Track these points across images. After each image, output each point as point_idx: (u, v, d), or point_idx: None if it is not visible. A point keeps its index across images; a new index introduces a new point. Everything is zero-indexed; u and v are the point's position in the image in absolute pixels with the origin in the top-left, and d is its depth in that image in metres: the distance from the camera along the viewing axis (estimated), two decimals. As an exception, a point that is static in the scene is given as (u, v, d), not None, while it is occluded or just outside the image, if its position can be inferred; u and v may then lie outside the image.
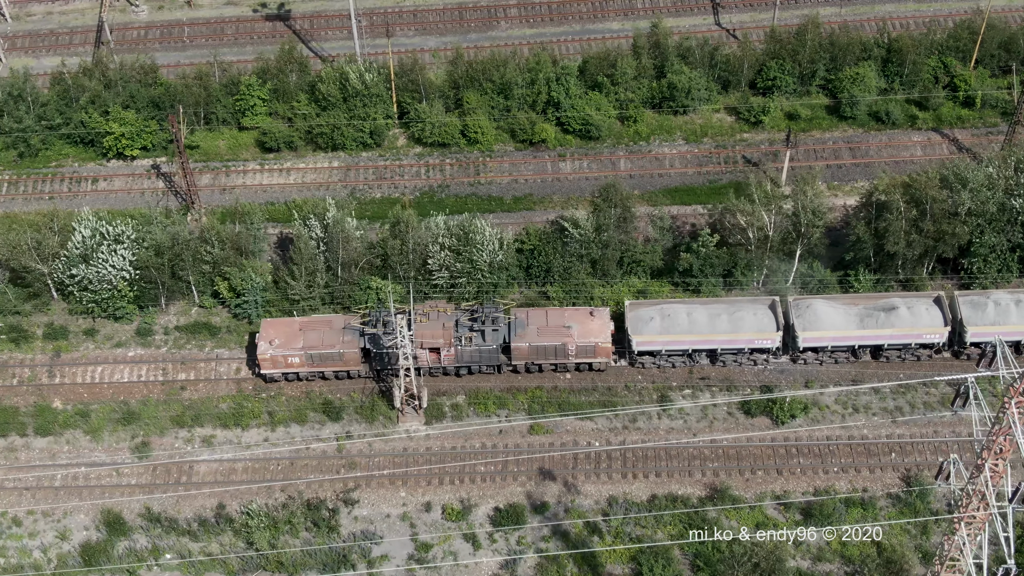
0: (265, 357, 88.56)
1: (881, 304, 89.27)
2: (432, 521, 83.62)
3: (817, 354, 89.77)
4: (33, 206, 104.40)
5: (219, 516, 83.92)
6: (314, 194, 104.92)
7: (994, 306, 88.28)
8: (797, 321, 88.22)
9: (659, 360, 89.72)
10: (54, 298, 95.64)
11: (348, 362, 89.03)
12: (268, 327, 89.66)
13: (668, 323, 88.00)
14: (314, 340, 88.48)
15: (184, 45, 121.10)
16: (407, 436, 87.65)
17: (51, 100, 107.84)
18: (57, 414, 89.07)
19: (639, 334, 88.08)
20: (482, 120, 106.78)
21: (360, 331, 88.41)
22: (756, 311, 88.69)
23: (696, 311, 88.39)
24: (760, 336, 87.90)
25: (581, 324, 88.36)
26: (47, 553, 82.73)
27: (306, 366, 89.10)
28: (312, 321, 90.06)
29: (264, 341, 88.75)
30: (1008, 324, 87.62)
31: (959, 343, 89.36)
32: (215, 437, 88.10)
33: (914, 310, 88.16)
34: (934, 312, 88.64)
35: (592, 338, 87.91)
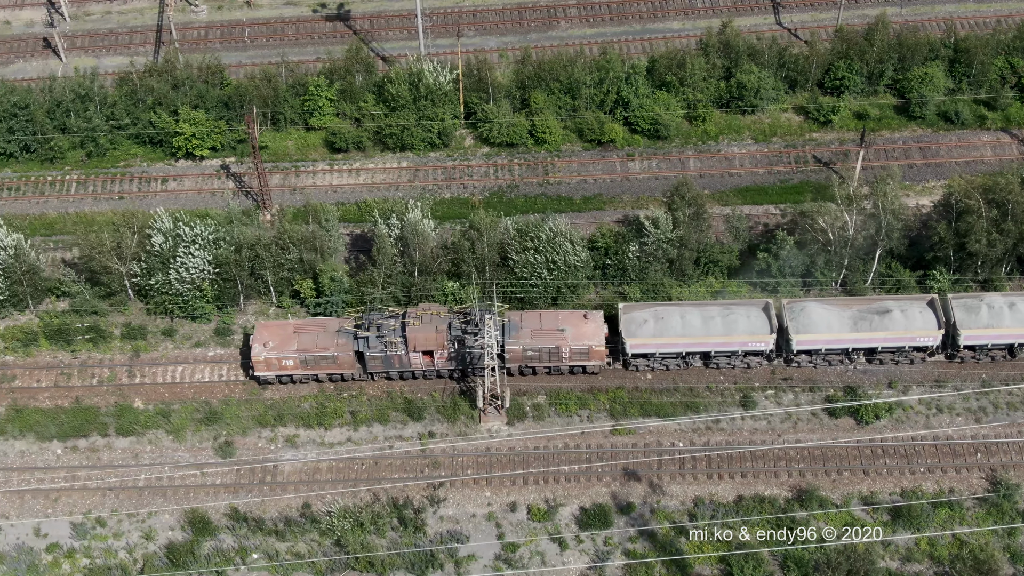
0: (259, 359, 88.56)
1: (875, 307, 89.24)
2: (518, 521, 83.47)
3: (811, 357, 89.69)
4: (103, 205, 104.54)
5: (305, 516, 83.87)
6: (384, 194, 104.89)
7: (988, 309, 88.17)
8: (791, 324, 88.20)
9: (653, 363, 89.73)
10: (130, 298, 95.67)
11: (342, 365, 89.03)
12: (262, 329, 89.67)
13: (662, 326, 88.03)
14: (308, 343, 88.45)
15: (245, 45, 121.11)
16: (489, 436, 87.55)
17: (119, 100, 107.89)
18: (138, 414, 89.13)
19: (633, 337, 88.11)
20: (550, 120, 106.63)
21: (354, 334, 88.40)
22: (750, 314, 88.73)
23: (690, 314, 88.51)
24: (754, 339, 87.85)
25: (575, 327, 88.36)
26: (132, 553, 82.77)
27: (300, 368, 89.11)
28: (306, 324, 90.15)
29: (258, 343, 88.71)
30: (1002, 327, 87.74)
31: (953, 346, 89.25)
32: (298, 437, 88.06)
33: (908, 313, 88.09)
34: (928, 315, 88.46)
35: (586, 341, 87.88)
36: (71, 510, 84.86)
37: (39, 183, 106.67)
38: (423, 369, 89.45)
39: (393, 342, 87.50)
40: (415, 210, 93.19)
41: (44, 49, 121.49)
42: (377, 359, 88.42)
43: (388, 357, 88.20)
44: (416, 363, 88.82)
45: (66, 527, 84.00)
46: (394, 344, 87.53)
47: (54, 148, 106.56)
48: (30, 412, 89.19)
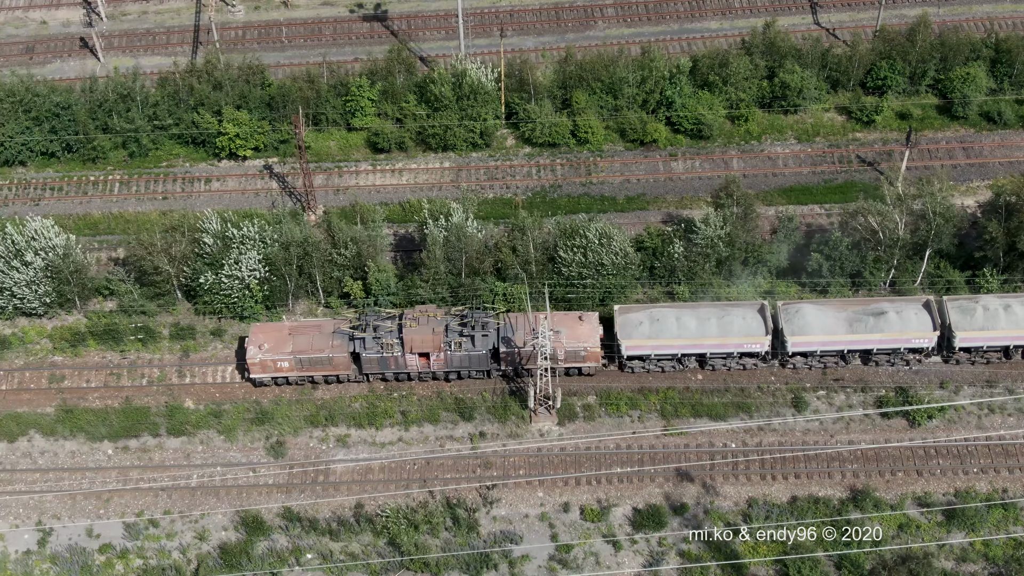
0: (255, 361, 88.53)
1: (870, 309, 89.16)
2: (571, 521, 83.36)
3: (806, 358, 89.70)
4: (147, 206, 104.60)
5: (358, 516, 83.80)
6: (426, 194, 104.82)
7: (983, 311, 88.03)
8: (786, 325, 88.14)
9: (648, 365, 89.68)
10: (178, 298, 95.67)
11: (337, 366, 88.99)
12: (258, 331, 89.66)
13: (657, 328, 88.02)
14: (303, 344, 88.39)
15: (283, 45, 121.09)
16: (540, 436, 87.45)
17: (161, 100, 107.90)
18: (189, 414, 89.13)
19: (628, 339, 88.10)
20: (592, 120, 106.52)
21: (350, 336, 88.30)
22: (745, 315, 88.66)
23: (685, 316, 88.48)
24: (749, 340, 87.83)
25: (570, 329, 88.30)
26: (186, 554, 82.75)
27: (295, 370, 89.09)
28: (302, 325, 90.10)
29: (253, 345, 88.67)
30: (997, 329, 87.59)
31: (948, 348, 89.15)
32: (349, 437, 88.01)
33: (903, 315, 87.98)
34: (923, 317, 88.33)
35: (581, 343, 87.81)
36: (123, 510, 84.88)
37: (82, 183, 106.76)
38: (419, 371, 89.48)
39: (389, 344, 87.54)
40: (459, 212, 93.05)
41: (81, 49, 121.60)
42: (373, 361, 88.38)
43: (384, 359, 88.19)
44: (412, 365, 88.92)
45: (119, 528, 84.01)
46: (390, 346, 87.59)
47: (97, 148, 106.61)
48: (80, 412, 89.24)
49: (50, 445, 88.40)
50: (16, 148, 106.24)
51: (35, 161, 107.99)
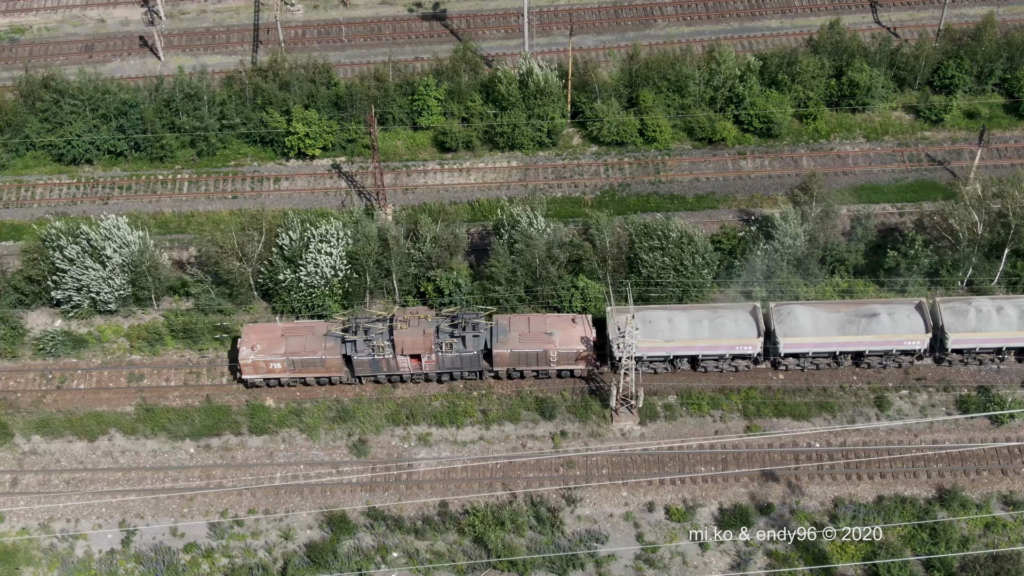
0: (247, 362, 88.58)
1: (862, 310, 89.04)
2: (656, 521, 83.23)
3: (798, 360, 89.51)
4: (217, 205, 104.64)
5: (443, 514, 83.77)
6: (495, 194, 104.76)
7: (976, 313, 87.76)
8: (778, 327, 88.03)
9: (640, 366, 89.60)
10: (255, 297, 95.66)
11: (329, 368, 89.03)
12: (250, 332, 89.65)
13: (649, 329, 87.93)
14: (296, 346, 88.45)
15: (343, 45, 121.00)
16: (622, 436, 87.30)
17: (228, 99, 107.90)
18: (271, 412, 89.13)
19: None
20: (660, 118, 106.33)
21: (341, 338, 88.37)
22: (737, 317, 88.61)
23: (677, 318, 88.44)
24: (741, 342, 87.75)
25: (563, 331, 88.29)
26: (272, 552, 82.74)
27: (288, 372, 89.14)
28: (294, 327, 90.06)
29: (246, 347, 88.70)
30: (990, 331, 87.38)
31: (941, 349, 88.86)
32: (431, 435, 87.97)
33: (895, 316, 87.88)
34: (915, 318, 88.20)
35: (574, 345, 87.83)
36: (207, 509, 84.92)
37: (150, 182, 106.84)
38: (411, 373, 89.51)
39: (380, 346, 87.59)
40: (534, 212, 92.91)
41: (141, 47, 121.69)
42: (364, 362, 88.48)
43: (376, 361, 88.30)
44: (404, 367, 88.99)
45: (203, 527, 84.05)
46: (381, 348, 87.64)
47: (165, 147, 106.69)
48: (160, 411, 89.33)
49: (131, 444, 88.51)
50: (84, 146, 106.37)
51: (102, 160, 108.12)
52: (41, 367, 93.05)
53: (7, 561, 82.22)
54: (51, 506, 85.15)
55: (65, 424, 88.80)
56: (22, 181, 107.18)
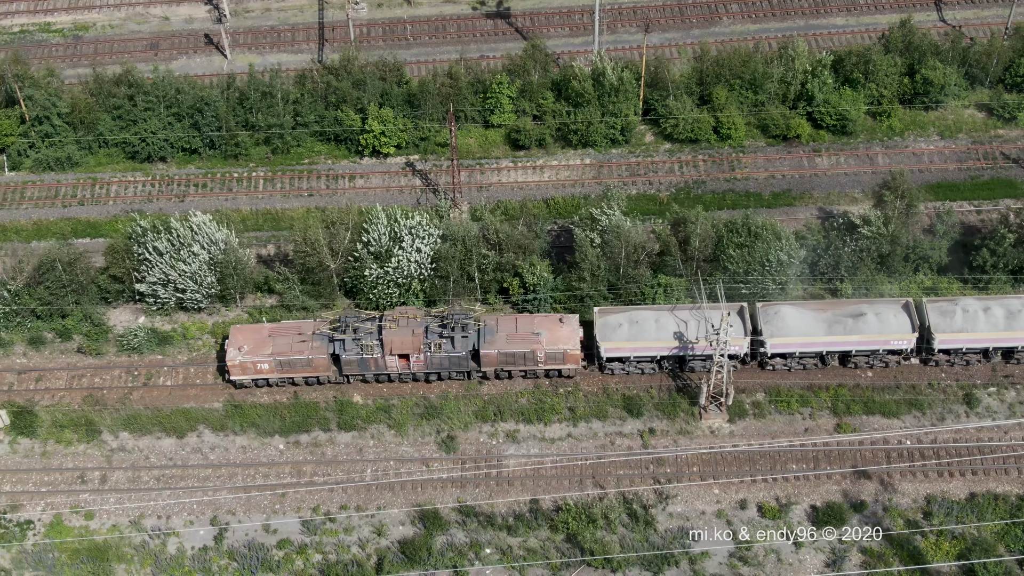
0: (234, 363, 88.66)
1: (849, 310, 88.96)
2: (749, 519, 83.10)
3: (785, 360, 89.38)
4: (293, 202, 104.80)
5: (534, 511, 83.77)
6: (569, 191, 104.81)
7: (962, 313, 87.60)
8: (765, 327, 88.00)
9: (628, 367, 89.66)
10: (338, 294, 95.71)
11: (317, 368, 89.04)
12: (237, 333, 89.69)
13: (637, 330, 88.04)
14: (283, 346, 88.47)
15: (408, 43, 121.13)
16: (711, 433, 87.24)
17: (301, 97, 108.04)
18: (359, 409, 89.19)
19: (608, 341, 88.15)
20: (735, 115, 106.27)
21: (329, 337, 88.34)
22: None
23: (664, 318, 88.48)
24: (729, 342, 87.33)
25: (550, 331, 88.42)
26: (365, 548, 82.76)
27: (275, 372, 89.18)
28: (281, 327, 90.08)
29: (233, 347, 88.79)
30: (976, 331, 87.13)
31: (927, 349, 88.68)
32: (518, 432, 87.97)
33: (882, 316, 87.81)
34: (902, 318, 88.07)
35: (561, 345, 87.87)
36: (299, 505, 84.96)
37: (226, 179, 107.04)
38: (399, 372, 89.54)
39: (369, 345, 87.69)
40: (614, 209, 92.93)
41: (207, 45, 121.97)
42: (353, 362, 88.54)
43: (364, 360, 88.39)
44: (392, 366, 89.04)
45: (295, 523, 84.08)
46: (370, 347, 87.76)
47: (240, 144, 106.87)
48: (249, 408, 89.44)
49: (220, 440, 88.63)
50: (158, 144, 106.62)
51: (176, 157, 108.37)
52: (127, 364, 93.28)
53: (99, 558, 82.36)
54: (142, 503, 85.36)
55: (153, 421, 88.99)
56: (96, 178, 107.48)
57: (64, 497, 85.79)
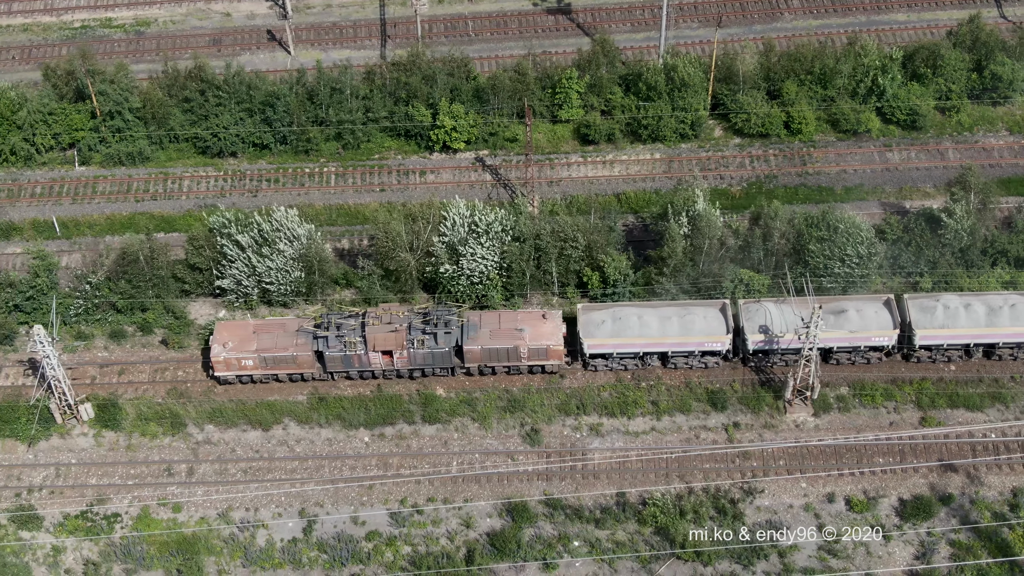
0: (219, 359, 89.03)
1: (831, 307, 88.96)
2: (836, 512, 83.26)
3: (767, 356, 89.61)
4: (365, 197, 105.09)
5: (620, 504, 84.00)
6: (640, 186, 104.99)
7: (943, 309, 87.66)
8: (747, 324, 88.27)
9: (611, 363, 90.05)
10: (416, 287, 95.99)
11: (301, 365, 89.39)
12: (222, 329, 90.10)
13: (619, 326, 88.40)
14: (267, 343, 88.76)
15: (470, 39, 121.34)
16: (796, 427, 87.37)
17: (372, 93, 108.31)
18: (442, 402, 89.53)
19: (591, 337, 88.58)
20: (806, 110, 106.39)
21: (313, 334, 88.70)
22: (706, 314, 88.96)
23: (647, 315, 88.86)
24: (710, 339, 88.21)
25: (533, 327, 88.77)
26: (454, 540, 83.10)
27: (260, 368, 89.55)
28: (266, 324, 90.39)
29: (218, 343, 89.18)
30: (957, 327, 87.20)
31: (909, 346, 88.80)
32: (602, 425, 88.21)
33: (863, 313, 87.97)
34: (883, 315, 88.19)
35: (544, 341, 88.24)
36: (386, 497, 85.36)
37: (297, 175, 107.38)
38: (383, 369, 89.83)
39: (352, 342, 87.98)
40: (700, 202, 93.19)
41: (269, 41, 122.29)
42: (336, 359, 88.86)
43: (347, 357, 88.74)
44: (376, 363, 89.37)
45: (383, 515, 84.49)
46: (353, 344, 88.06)
47: (312, 140, 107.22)
48: (333, 400, 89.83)
49: (305, 433, 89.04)
50: (230, 139, 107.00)
51: (247, 152, 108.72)
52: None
53: (188, 550, 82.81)
54: (229, 495, 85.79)
55: (238, 413, 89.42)
56: (168, 173, 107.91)
57: (151, 490, 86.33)
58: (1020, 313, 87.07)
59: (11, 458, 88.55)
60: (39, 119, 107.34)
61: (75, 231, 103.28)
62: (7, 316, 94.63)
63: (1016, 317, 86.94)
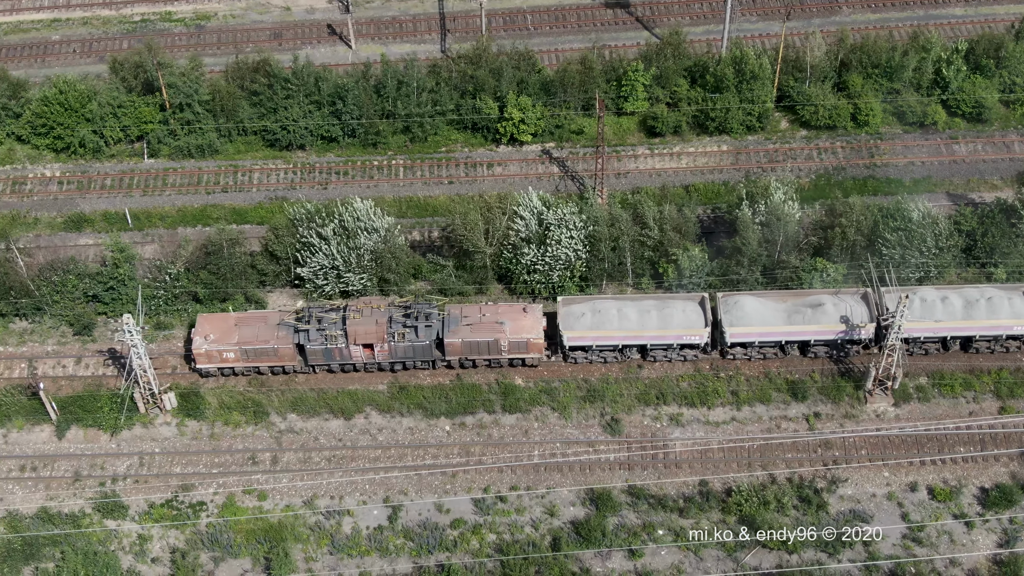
0: (200, 352, 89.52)
1: (808, 300, 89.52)
2: (919, 501, 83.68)
3: (745, 349, 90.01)
4: (434, 190, 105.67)
5: (703, 493, 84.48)
6: (707, 178, 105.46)
7: (920, 302, 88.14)
8: (725, 317, 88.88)
9: (591, 355, 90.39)
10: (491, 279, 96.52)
11: (283, 357, 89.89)
12: (204, 322, 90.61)
13: (599, 319, 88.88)
14: (249, 335, 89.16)
15: (529, 33, 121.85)
16: (877, 417, 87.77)
17: (439, 86, 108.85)
18: (522, 391, 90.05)
19: (570, 330, 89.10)
20: (873, 102, 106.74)
21: (294, 327, 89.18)
22: (685, 308, 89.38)
23: (626, 308, 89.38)
24: (688, 332, 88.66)
25: (514, 320, 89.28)
26: (538, 528, 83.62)
27: (241, 361, 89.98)
28: (247, 316, 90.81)
29: (199, 336, 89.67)
30: (933, 320, 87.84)
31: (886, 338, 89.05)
32: (682, 415, 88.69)
33: (840, 306, 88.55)
34: (860, 308, 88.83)
35: (524, 334, 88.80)
36: (469, 486, 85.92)
37: (366, 167, 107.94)
38: (364, 362, 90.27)
39: (333, 335, 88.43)
40: (779, 192, 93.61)
41: (330, 35, 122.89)
42: (317, 352, 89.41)
43: (328, 350, 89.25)
44: (356, 356, 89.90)
45: (467, 503, 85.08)
46: (334, 337, 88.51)
47: (380, 133, 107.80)
48: (414, 390, 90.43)
49: (387, 422, 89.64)
50: (299, 132, 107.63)
51: (315, 145, 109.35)
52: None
53: (275, 537, 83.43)
54: (314, 483, 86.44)
55: (320, 402, 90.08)
56: (237, 166, 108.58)
57: (236, 478, 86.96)
58: (996, 306, 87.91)
59: (94, 447, 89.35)
60: (108, 112, 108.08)
61: (147, 223, 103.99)
62: (85, 306, 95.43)
63: (992, 310, 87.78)
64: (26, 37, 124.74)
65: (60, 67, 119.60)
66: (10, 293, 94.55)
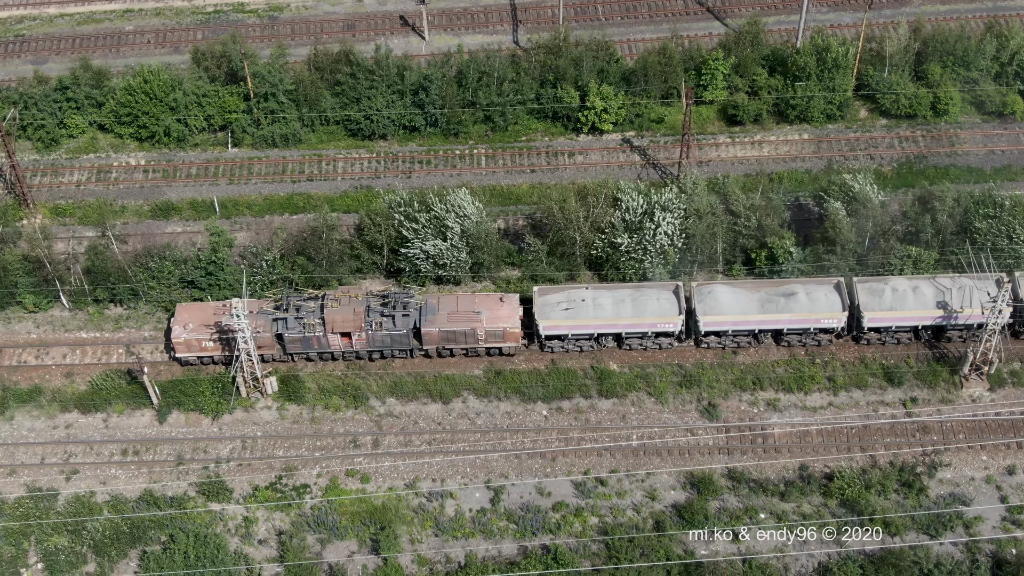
0: (179, 341, 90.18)
1: (782, 290, 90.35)
2: (1018, 484, 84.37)
3: (719, 338, 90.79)
4: (516, 179, 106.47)
5: (803, 477, 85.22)
6: (789, 166, 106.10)
7: (892, 292, 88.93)
8: (699, 306, 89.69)
9: (567, 344, 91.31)
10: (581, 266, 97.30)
11: (261, 346, 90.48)
12: (183, 311, 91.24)
13: (574, 309, 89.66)
14: (228, 324, 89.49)
15: (600, 24, 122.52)
16: (972, 401, 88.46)
17: (519, 76, 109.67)
18: (617, 376, 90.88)
19: (546, 319, 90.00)
20: (952, 91, 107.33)
21: (272, 316, 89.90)
22: (659, 296, 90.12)
23: (601, 296, 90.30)
24: (663, 320, 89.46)
25: (490, 310, 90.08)
26: (640, 512, 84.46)
27: (220, 350, 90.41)
28: (226, 306, 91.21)
29: (179, 325, 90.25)
30: (905, 310, 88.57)
31: (858, 328, 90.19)
32: (779, 401, 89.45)
33: (813, 295, 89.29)
34: (833, 297, 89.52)
35: (501, 323, 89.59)
36: (569, 469, 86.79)
37: (448, 156, 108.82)
38: (342, 351, 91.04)
39: (311, 324, 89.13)
40: (864, 181, 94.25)
41: (403, 27, 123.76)
42: (296, 340, 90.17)
43: (307, 338, 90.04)
44: (335, 344, 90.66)
45: (567, 486, 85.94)
46: (312, 326, 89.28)
47: (462, 122, 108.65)
48: (510, 374, 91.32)
49: (485, 406, 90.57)
50: (381, 121, 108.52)
51: (397, 135, 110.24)
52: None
53: (380, 519, 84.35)
54: (415, 465, 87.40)
55: (418, 387, 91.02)
56: (321, 155, 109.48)
57: (338, 462, 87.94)
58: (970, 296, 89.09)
59: (196, 431, 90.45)
60: (192, 101, 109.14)
61: (233, 211, 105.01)
62: (181, 291, 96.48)
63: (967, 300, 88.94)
64: (100, 27, 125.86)
65: (135, 57, 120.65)
66: (108, 279, 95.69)
